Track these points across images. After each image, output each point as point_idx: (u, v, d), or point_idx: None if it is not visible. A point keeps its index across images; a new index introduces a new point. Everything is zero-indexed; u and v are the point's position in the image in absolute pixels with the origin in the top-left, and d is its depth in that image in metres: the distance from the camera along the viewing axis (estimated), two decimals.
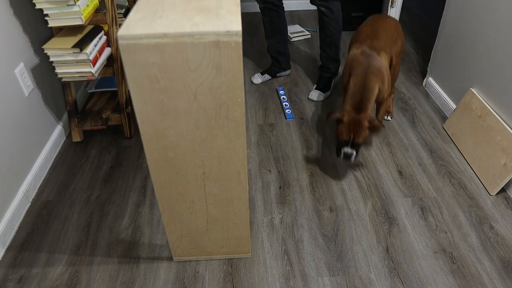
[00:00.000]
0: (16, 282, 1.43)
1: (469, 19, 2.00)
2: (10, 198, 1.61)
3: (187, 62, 0.96)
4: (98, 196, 1.77)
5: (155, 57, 0.94)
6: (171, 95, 1.01)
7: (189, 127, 1.08)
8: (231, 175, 1.22)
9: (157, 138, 1.10)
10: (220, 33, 0.92)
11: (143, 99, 1.01)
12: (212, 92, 1.02)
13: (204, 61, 0.96)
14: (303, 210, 1.69)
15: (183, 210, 1.30)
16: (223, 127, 1.09)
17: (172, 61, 0.95)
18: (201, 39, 0.92)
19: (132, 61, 0.94)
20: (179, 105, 1.03)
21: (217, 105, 1.05)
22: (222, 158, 1.17)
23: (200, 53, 0.95)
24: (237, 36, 0.92)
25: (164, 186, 1.22)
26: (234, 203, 1.30)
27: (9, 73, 1.64)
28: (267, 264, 1.48)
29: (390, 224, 1.62)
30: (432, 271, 1.45)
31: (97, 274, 1.45)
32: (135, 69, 0.96)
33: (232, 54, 0.95)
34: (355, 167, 1.90)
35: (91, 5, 1.79)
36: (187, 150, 1.14)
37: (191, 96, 1.02)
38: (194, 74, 0.98)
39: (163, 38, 0.91)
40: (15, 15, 1.70)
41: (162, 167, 1.17)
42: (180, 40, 0.92)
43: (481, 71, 1.92)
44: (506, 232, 1.58)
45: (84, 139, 2.09)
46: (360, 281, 1.42)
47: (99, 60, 1.87)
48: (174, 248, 1.43)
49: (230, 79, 1.00)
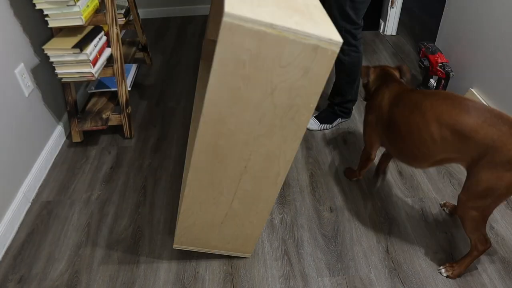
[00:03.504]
0: (16, 282, 1.43)
1: (469, 19, 2.00)
2: (10, 198, 1.61)
3: (280, 57, 0.95)
4: (98, 196, 1.77)
5: (252, 43, 0.93)
6: (250, 84, 1.00)
7: (253, 120, 1.07)
8: (270, 175, 1.21)
9: (216, 123, 1.08)
10: (323, 39, 0.92)
11: (221, 81, 0.99)
12: (290, 92, 1.01)
13: (296, 61, 0.96)
14: (303, 210, 1.69)
15: (208, 199, 1.28)
16: (285, 127, 1.09)
17: (266, 52, 0.94)
18: (303, 39, 0.92)
19: (228, 41, 0.92)
20: (253, 96, 1.02)
21: (288, 105, 1.04)
22: (269, 156, 1.16)
23: (296, 52, 0.94)
24: (336, 46, 0.93)
25: (200, 171, 1.20)
26: (261, 203, 1.30)
27: (9, 74, 1.64)
28: (267, 265, 1.48)
29: (390, 225, 1.62)
30: (432, 271, 1.45)
31: (97, 274, 1.45)
32: (227, 50, 0.94)
33: (325, 61, 0.96)
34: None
35: (91, 5, 1.79)
36: (239, 142, 1.12)
37: (269, 90, 1.01)
38: (282, 70, 0.97)
39: (268, 28, 0.90)
40: (15, 16, 1.70)
41: (208, 152, 1.15)
42: (284, 34, 0.91)
43: (481, 71, 1.92)
44: (506, 232, 1.58)
45: (84, 140, 2.09)
46: (360, 282, 1.42)
47: (99, 61, 1.87)
48: (179, 236, 1.41)
49: (312, 84, 1.00)
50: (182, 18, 3.55)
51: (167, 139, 2.10)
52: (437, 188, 1.78)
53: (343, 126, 2.18)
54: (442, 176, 1.84)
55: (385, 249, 1.53)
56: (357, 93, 2.12)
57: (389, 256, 1.50)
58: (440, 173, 1.86)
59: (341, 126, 2.18)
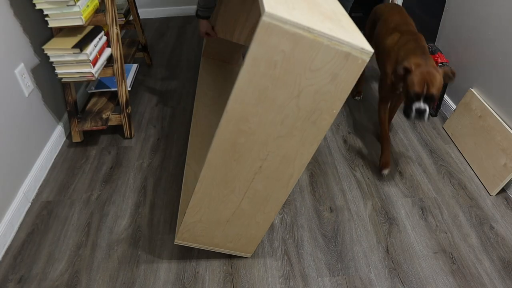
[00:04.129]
0: (16, 283, 1.43)
1: (469, 19, 2.00)
2: (10, 198, 1.61)
3: (312, 61, 0.96)
4: (98, 196, 1.77)
5: (287, 45, 0.93)
6: (278, 85, 1.00)
7: (275, 121, 1.08)
8: (284, 176, 1.21)
9: (239, 120, 1.08)
10: (355, 47, 0.93)
11: (250, 79, 1.00)
12: (315, 96, 1.02)
13: (327, 67, 0.97)
14: (303, 210, 1.69)
15: (218, 197, 1.28)
16: (305, 130, 1.10)
17: (299, 55, 0.95)
18: (337, 46, 0.93)
19: (263, 41, 0.93)
20: (280, 97, 1.03)
21: (312, 109, 1.05)
22: (286, 158, 1.16)
23: (328, 58, 0.95)
24: (367, 55, 0.95)
25: (214, 168, 1.20)
26: (269, 204, 1.30)
27: (9, 74, 1.64)
28: (267, 265, 1.48)
29: (390, 225, 1.62)
30: (432, 271, 1.45)
31: (97, 274, 1.45)
32: (261, 49, 0.94)
33: (354, 69, 0.97)
34: (355, 167, 1.90)
35: (91, 5, 1.79)
36: (259, 141, 1.12)
37: (295, 93, 1.02)
38: (311, 74, 0.98)
39: (305, 31, 0.91)
40: (15, 16, 1.70)
41: (225, 150, 1.15)
42: (319, 39, 0.92)
43: (481, 71, 1.92)
44: (506, 232, 1.58)
45: (84, 140, 2.09)
46: (360, 282, 1.42)
47: (99, 61, 1.87)
48: (182, 231, 1.41)
49: (338, 91, 1.01)
50: (182, 18, 3.55)
51: (167, 139, 2.10)
52: (437, 188, 1.78)
53: (343, 126, 2.18)
54: (442, 176, 1.84)
55: (385, 249, 1.53)
56: None
57: (389, 256, 1.50)
58: (440, 173, 1.86)
59: (341, 126, 2.18)
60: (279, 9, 0.92)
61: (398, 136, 2.09)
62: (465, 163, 1.91)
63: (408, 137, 2.08)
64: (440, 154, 1.97)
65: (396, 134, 2.10)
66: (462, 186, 1.79)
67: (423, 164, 1.91)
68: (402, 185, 1.80)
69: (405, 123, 2.18)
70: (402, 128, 2.15)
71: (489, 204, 1.70)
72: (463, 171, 1.87)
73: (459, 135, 2.00)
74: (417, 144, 2.04)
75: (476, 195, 1.74)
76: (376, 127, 2.17)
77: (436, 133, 2.11)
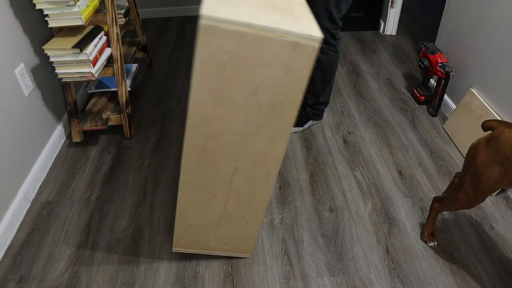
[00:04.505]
0: (16, 283, 1.43)
1: (469, 19, 2.00)
2: (10, 198, 1.61)
3: (260, 56, 0.95)
4: (98, 196, 1.77)
5: (231, 44, 0.93)
6: (232, 85, 1.00)
7: (238, 120, 1.07)
8: (262, 174, 1.21)
9: (202, 125, 1.08)
10: (302, 35, 0.92)
11: (203, 83, 0.99)
12: (273, 91, 1.01)
13: (277, 59, 0.95)
14: (303, 210, 1.69)
15: (202, 202, 1.29)
16: (271, 126, 1.09)
17: (245, 52, 0.94)
18: (281, 37, 0.92)
19: (206, 43, 0.93)
20: (237, 96, 1.02)
21: (273, 104, 1.04)
22: (258, 156, 1.16)
23: (275, 50, 0.94)
24: (316, 42, 0.93)
25: (191, 174, 1.20)
26: (254, 203, 1.30)
27: (9, 74, 1.64)
28: (267, 265, 1.48)
29: (390, 225, 1.62)
30: (432, 271, 1.45)
31: (97, 274, 1.45)
32: (207, 52, 0.94)
33: (305, 58, 0.95)
34: (355, 167, 1.90)
35: (91, 5, 1.79)
36: (227, 143, 1.12)
37: (251, 90, 1.01)
38: (263, 69, 0.97)
39: (245, 28, 0.90)
40: (15, 16, 1.70)
41: (197, 155, 1.15)
42: (262, 33, 0.91)
43: (481, 71, 1.92)
44: (506, 232, 1.58)
45: (84, 140, 2.09)
46: (360, 282, 1.42)
47: (99, 61, 1.87)
48: (177, 239, 1.42)
49: (295, 82, 1.00)
50: (182, 18, 3.55)
51: (167, 139, 2.10)
52: (437, 188, 1.78)
53: (343, 126, 2.18)
54: (442, 176, 1.84)
55: (385, 249, 1.53)
56: (329, 95, 2.12)
57: (389, 256, 1.50)
58: (440, 173, 1.86)
59: (341, 126, 2.18)
60: (219, 9, 0.92)
61: (398, 136, 2.09)
62: None
63: (408, 137, 2.08)
64: (440, 154, 1.97)
65: (396, 134, 2.10)
66: None
67: (423, 164, 1.91)
68: (402, 185, 1.80)
69: (405, 123, 2.18)
70: (402, 128, 2.15)
71: (489, 204, 1.70)
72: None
73: (459, 135, 2.00)
74: (417, 144, 2.04)
75: None
76: (377, 126, 2.17)
77: (436, 133, 2.11)
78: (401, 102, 2.36)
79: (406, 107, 2.32)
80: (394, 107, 2.31)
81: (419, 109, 2.29)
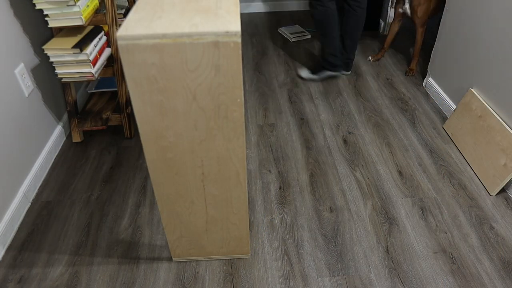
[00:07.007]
0: (16, 283, 1.43)
1: (469, 19, 2.00)
2: (10, 198, 1.61)
3: (186, 62, 0.96)
4: (98, 197, 1.77)
5: (154, 57, 0.94)
6: (170, 95, 1.01)
7: (188, 128, 1.08)
8: (230, 175, 1.22)
9: (156, 139, 1.10)
10: (219, 33, 0.92)
11: (142, 99, 1.01)
12: (211, 93, 1.02)
13: (203, 62, 0.96)
14: (303, 210, 1.69)
15: (182, 211, 1.30)
16: (222, 127, 1.09)
17: (171, 62, 0.95)
18: (200, 40, 0.92)
19: (131, 62, 0.94)
20: (178, 105, 1.03)
21: (216, 106, 1.05)
22: (221, 158, 1.17)
23: (199, 54, 0.95)
24: (236, 36, 0.92)
25: (163, 187, 1.22)
26: (233, 204, 1.30)
27: (9, 74, 1.64)
28: (267, 265, 1.48)
29: (390, 225, 1.62)
30: (432, 271, 1.45)
31: (97, 275, 1.45)
32: (134, 70, 0.96)
33: (231, 54, 0.95)
34: (355, 167, 1.90)
35: (91, 5, 1.79)
36: (186, 151, 1.14)
37: (190, 96, 1.02)
38: (193, 74, 0.98)
39: (162, 39, 0.91)
40: (15, 16, 1.70)
41: (161, 168, 1.17)
42: (179, 40, 0.92)
43: (481, 71, 1.92)
44: (506, 233, 1.58)
45: (84, 140, 2.09)
46: (360, 282, 1.42)
47: (99, 61, 1.87)
48: (173, 249, 1.43)
49: (229, 80, 1.00)
50: None
51: None
52: (437, 188, 1.78)
53: (343, 126, 2.18)
54: (442, 176, 1.85)
55: (385, 249, 1.53)
56: (336, 48, 2.19)
57: (389, 256, 1.50)
58: (440, 173, 1.86)
59: (341, 126, 2.18)
60: (138, 25, 0.93)
61: (398, 136, 2.09)
62: (465, 163, 1.91)
63: (408, 137, 2.08)
64: (440, 154, 1.97)
65: (396, 134, 2.10)
66: (462, 186, 1.79)
67: (423, 164, 1.91)
68: (402, 185, 1.80)
69: (405, 122, 2.18)
70: (402, 128, 2.15)
71: (489, 204, 1.70)
72: (463, 171, 1.87)
73: (459, 135, 2.00)
74: (417, 144, 2.04)
75: (476, 195, 1.74)
76: (377, 126, 2.17)
77: (436, 133, 2.11)
78: (401, 102, 2.36)
79: (406, 107, 2.32)
80: (394, 107, 2.31)
81: (419, 109, 2.29)
